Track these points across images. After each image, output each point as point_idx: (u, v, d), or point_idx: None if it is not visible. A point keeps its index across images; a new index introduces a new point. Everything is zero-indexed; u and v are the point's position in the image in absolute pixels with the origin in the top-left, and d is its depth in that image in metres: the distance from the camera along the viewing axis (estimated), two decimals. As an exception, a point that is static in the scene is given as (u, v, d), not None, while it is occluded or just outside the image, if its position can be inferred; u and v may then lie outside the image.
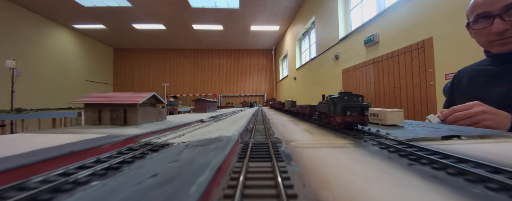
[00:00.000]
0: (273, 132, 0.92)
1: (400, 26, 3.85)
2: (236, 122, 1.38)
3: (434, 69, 3.23)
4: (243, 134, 0.85)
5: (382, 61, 4.28)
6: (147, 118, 1.11)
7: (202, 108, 2.77)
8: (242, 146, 0.60)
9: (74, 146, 0.50)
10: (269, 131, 0.97)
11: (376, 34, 4.40)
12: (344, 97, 0.76)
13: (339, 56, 6.10)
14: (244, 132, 0.90)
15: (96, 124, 1.02)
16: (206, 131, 0.92)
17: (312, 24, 9.14)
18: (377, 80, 4.46)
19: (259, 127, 1.19)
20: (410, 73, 3.64)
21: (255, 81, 17.38)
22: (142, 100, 1.01)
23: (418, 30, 3.52)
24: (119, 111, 1.00)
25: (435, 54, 3.23)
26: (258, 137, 0.78)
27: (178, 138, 0.74)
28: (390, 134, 0.68)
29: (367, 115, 0.76)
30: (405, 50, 3.72)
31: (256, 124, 1.33)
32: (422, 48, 3.42)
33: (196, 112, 2.84)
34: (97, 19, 11.26)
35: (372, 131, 0.75)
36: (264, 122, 1.54)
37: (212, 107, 3.08)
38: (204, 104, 2.77)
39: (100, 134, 0.72)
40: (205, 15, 11.00)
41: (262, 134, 0.88)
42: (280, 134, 0.86)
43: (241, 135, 0.77)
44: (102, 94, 1.13)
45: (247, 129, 1.08)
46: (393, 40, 4.00)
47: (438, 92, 3.15)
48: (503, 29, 1.10)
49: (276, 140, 0.68)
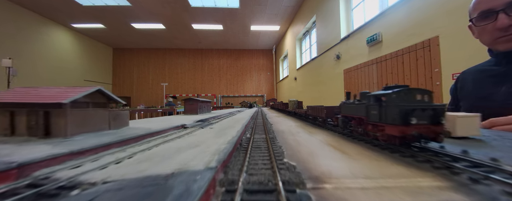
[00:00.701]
0: (282, 151, 0.57)
1: (404, 25, 3.75)
2: (228, 130, 1.09)
3: (440, 69, 3.12)
4: (230, 158, 0.51)
5: (385, 61, 4.18)
6: (90, 125, 0.72)
7: (193, 109, 2.62)
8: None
9: None
10: (275, 147, 0.63)
11: (379, 33, 4.30)
12: (402, 94, 0.44)
13: (340, 56, 6.00)
14: (232, 153, 0.54)
15: (6, 135, 0.63)
16: (170, 151, 0.59)
17: (313, 23, 9.04)
18: (380, 80, 4.35)
19: (258, 138, 0.88)
20: (415, 73, 3.53)
21: (255, 82, 17.29)
22: (73, 98, 0.63)
23: (423, 28, 3.41)
24: (39, 115, 0.61)
25: (442, 53, 3.12)
26: (256, 163, 0.45)
27: (112, 167, 0.45)
28: (500, 161, 0.39)
29: (444, 124, 0.45)
30: (410, 49, 3.62)
31: (254, 133, 1.05)
32: (427, 47, 3.32)
33: (186, 113, 2.68)
34: (96, 18, 11.17)
35: (452, 151, 0.43)
36: (266, 129, 1.26)
37: (205, 108, 2.93)
38: (195, 104, 2.62)
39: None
40: (204, 14, 10.91)
41: (263, 155, 0.53)
42: (293, 155, 0.53)
43: (224, 164, 0.43)
44: (22, 89, 0.74)
45: (240, 143, 0.72)
46: (397, 39, 3.90)
47: (445, 92, 3.05)
48: (508, 24, 1.08)
49: (293, 178, 0.34)
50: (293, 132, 1.04)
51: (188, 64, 16.89)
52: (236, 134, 0.83)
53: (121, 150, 0.62)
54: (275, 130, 1.16)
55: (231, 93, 17.00)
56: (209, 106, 3.21)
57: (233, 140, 0.68)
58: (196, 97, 2.63)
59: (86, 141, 0.61)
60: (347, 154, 0.53)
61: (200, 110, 2.75)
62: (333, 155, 0.53)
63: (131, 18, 11.30)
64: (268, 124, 1.57)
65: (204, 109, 2.84)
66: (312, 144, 0.71)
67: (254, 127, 1.39)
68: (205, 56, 17.06)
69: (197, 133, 1.00)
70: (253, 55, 17.37)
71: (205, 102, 2.92)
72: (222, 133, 0.93)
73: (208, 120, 1.76)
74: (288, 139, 0.83)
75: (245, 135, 0.97)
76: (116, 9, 10.11)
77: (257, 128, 1.35)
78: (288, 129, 1.26)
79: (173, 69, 16.77)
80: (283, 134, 0.97)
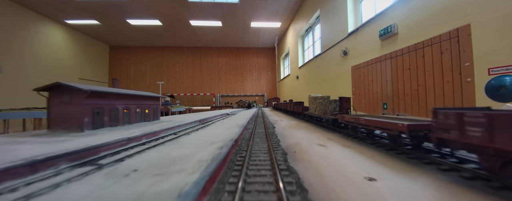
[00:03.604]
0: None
1: (426, 13, 3.27)
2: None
3: (472, 63, 2.65)
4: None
5: (401, 55, 3.70)
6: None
7: (71, 120, 1.39)
8: None
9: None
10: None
11: (394, 24, 3.82)
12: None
13: (348, 51, 5.52)
14: None
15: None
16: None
17: (316, 19, 8.56)
18: (395, 78, 3.87)
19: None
20: (439, 68, 3.05)
21: (255, 81, 16.81)
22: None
23: (449, 16, 2.93)
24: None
25: (474, 44, 2.64)
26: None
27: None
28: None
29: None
30: (433, 41, 3.14)
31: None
32: (455, 37, 2.84)
33: (55, 127, 1.47)
34: (90, 14, 10.71)
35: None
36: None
37: (138, 115, 1.95)
38: (84, 106, 1.45)
39: None
40: (203, 10, 10.44)
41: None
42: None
43: None
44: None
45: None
46: (417, 30, 3.42)
47: (478, 90, 2.57)
48: None
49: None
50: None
51: (187, 62, 16.44)
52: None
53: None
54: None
55: (230, 92, 16.54)
56: (155, 107, 2.30)
57: None
58: (100, 87, 1.53)
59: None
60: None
61: (113, 119, 1.80)
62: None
63: (126, 14, 10.84)
64: (291, 165, 0.86)
65: (136, 117, 2.02)
66: None
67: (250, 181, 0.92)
68: (204, 54, 16.60)
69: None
70: (253, 54, 16.90)
71: (134, 97, 1.94)
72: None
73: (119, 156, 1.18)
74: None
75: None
76: (110, 4, 9.66)
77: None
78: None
79: (171, 68, 16.32)
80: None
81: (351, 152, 1.58)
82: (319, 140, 2.01)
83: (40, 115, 3.73)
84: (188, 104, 15.49)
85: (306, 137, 2.29)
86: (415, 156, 1.51)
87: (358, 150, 1.70)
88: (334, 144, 1.88)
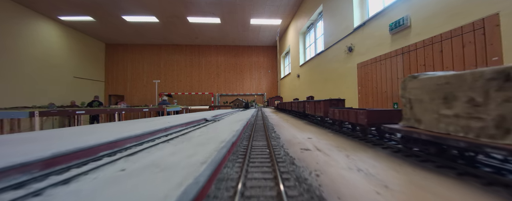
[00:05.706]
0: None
1: (444, 2, 2.95)
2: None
3: (502, 57, 2.34)
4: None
5: (415, 50, 3.38)
6: None
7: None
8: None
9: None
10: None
11: (406, 16, 3.50)
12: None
13: (353, 48, 5.20)
14: None
15: None
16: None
17: (319, 14, 8.23)
18: (407, 75, 3.55)
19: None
20: (460, 64, 2.74)
21: (255, 80, 16.47)
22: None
23: (473, 5, 2.62)
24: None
25: (503, 36, 2.33)
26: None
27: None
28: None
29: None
30: (453, 34, 2.82)
31: None
32: (480, 29, 2.53)
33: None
34: (84, 10, 10.33)
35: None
36: None
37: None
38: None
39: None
40: (200, 5, 10.08)
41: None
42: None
43: None
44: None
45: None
46: (433, 22, 3.10)
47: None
48: None
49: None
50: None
51: (185, 61, 16.08)
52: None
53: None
54: None
55: (229, 92, 16.20)
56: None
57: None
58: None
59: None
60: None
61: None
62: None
63: (121, 10, 10.48)
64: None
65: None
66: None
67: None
68: (202, 52, 16.24)
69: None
70: (252, 52, 16.56)
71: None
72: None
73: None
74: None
75: None
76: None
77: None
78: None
79: (169, 66, 15.96)
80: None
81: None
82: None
83: (19, 115, 3.41)
84: (186, 104, 15.16)
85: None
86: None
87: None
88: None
